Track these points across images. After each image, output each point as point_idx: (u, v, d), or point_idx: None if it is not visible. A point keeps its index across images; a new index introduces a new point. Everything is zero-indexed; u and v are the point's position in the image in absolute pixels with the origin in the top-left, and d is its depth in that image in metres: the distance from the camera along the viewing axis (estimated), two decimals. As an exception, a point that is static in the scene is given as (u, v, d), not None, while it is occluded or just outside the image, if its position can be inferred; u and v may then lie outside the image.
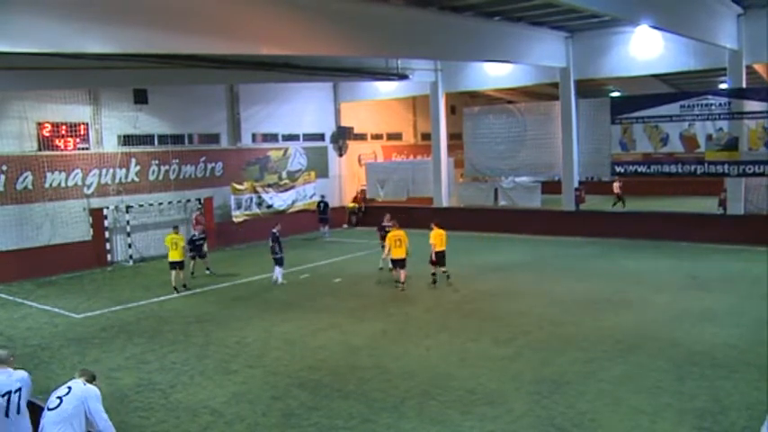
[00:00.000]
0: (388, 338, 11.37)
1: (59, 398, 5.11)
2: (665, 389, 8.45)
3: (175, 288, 15.57)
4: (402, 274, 15.19)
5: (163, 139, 22.04)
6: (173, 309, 14.34)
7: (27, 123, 18.65)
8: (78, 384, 5.25)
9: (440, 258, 15.23)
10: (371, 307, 13.76)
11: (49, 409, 5.08)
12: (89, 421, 5.19)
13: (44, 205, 19.01)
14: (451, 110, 30.20)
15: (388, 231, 16.13)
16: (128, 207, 20.53)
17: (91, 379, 5.47)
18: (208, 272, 17.87)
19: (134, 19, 10.46)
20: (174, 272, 15.70)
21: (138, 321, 13.29)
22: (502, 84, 25.52)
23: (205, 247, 18.20)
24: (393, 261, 15.44)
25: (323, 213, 25.30)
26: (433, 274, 15.32)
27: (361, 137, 30.09)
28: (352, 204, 28.46)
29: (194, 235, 18.23)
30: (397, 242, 15.09)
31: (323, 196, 25.76)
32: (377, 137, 31.41)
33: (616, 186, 27.37)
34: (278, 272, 16.51)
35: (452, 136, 27.39)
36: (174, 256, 15.68)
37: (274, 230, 16.82)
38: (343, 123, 28.75)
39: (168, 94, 21.70)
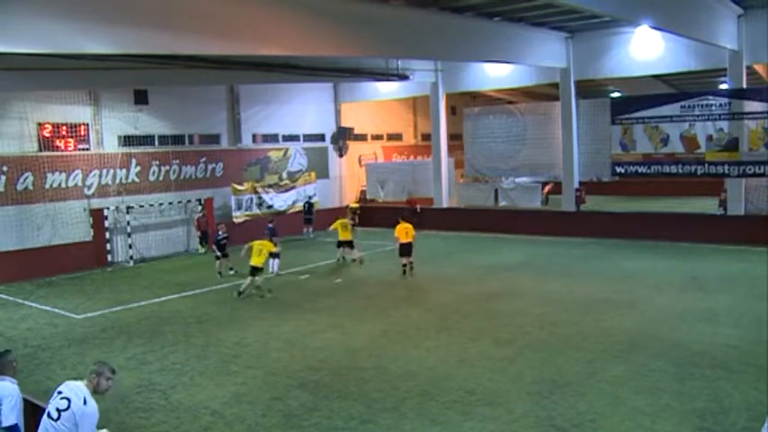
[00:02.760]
0: (388, 339, 11.36)
1: (59, 411, 4.92)
2: (666, 389, 8.44)
3: (240, 292, 15.07)
4: (353, 252, 18.71)
5: (163, 139, 22.07)
6: (173, 309, 14.34)
7: (27, 124, 18.68)
8: (78, 400, 4.92)
9: (405, 250, 16.71)
10: (371, 307, 13.76)
11: (50, 418, 4.99)
12: None
13: (44, 206, 19.04)
14: (452, 110, 30.20)
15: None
16: (128, 208, 20.55)
17: (106, 375, 5.07)
18: (231, 271, 17.61)
19: (134, 19, 10.47)
20: (249, 277, 15.22)
21: (138, 322, 13.30)
22: (502, 84, 25.52)
23: (227, 247, 17.81)
24: (339, 242, 18.75)
25: (308, 214, 25.28)
26: (404, 265, 16.68)
27: (362, 137, 30.11)
28: (354, 204, 28.44)
29: (219, 235, 17.93)
30: (344, 227, 18.71)
31: (310, 197, 25.76)
32: (377, 137, 31.43)
33: (547, 188, 27.03)
34: (274, 264, 17.20)
35: (453, 136, 27.41)
36: (256, 261, 15.21)
37: (270, 225, 17.78)
38: (344, 124, 28.77)
39: (168, 95, 21.72)
